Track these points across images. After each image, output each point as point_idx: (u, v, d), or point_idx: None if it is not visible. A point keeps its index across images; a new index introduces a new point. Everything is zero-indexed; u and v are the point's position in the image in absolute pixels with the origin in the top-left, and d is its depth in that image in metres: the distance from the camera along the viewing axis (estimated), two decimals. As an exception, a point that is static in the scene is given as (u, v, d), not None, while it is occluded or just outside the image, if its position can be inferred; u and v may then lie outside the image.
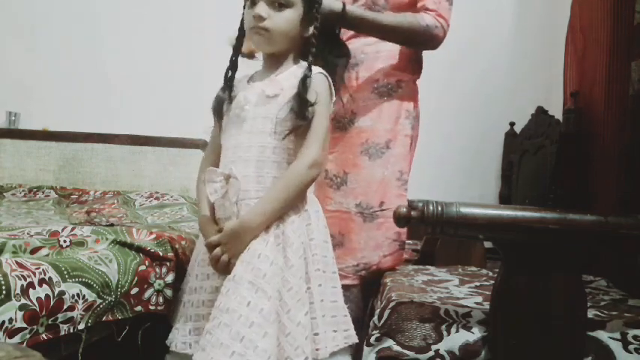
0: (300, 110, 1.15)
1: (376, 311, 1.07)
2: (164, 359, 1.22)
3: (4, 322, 0.87)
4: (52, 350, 1.00)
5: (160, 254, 1.29)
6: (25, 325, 0.91)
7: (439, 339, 0.91)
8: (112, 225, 1.50)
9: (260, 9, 1.18)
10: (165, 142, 2.44)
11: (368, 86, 1.56)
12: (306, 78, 1.17)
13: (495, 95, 2.63)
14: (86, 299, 1.06)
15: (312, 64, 1.20)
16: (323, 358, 1.13)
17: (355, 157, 1.54)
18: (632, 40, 1.40)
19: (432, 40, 1.48)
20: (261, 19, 1.18)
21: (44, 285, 0.96)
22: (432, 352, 0.90)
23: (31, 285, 0.93)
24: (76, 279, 1.05)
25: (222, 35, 1.41)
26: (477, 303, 1.03)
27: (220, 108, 1.26)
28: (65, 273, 1.03)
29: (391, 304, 1.01)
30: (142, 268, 1.24)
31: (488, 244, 1.39)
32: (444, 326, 0.92)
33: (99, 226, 1.37)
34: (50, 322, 0.97)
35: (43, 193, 2.35)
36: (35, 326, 0.93)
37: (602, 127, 1.58)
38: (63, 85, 2.84)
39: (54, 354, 1.02)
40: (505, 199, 2.49)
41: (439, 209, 0.84)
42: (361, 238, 1.52)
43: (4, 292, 0.88)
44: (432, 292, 1.16)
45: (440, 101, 2.39)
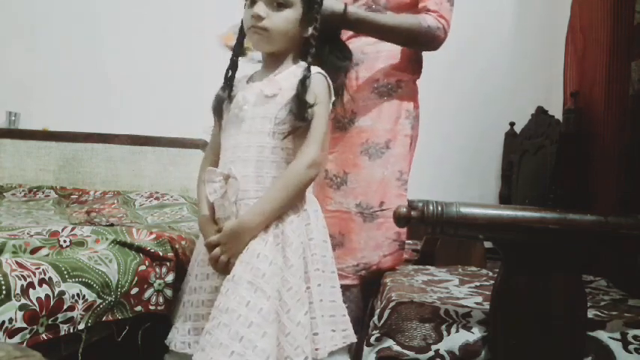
0: (299, 112, 1.15)
1: (376, 311, 1.07)
2: (163, 359, 1.22)
3: (4, 322, 0.87)
4: (52, 350, 1.00)
5: (160, 254, 1.29)
6: (25, 325, 0.91)
7: (439, 339, 0.91)
8: (112, 225, 1.50)
9: (259, 9, 1.18)
10: (165, 142, 2.44)
11: (368, 86, 1.56)
12: (305, 79, 1.17)
13: (495, 95, 2.64)
14: (86, 299, 1.06)
15: (312, 64, 1.20)
16: (322, 357, 1.13)
17: (355, 157, 1.54)
18: (632, 40, 1.40)
19: (434, 41, 1.48)
20: (260, 18, 1.18)
21: (44, 285, 0.96)
22: (432, 352, 0.90)
23: (31, 285, 0.93)
24: (76, 279, 1.05)
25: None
26: (477, 303, 1.03)
27: (220, 107, 1.26)
28: (65, 273, 1.03)
29: (391, 304, 1.01)
30: (142, 268, 1.24)
31: (488, 244, 1.39)
32: (444, 326, 0.92)
33: (99, 226, 1.37)
34: (50, 322, 0.97)
35: (43, 193, 2.35)
36: (35, 326, 0.93)
37: (602, 127, 1.58)
38: (63, 85, 2.84)
39: (54, 354, 1.02)
40: (505, 199, 2.49)
41: (439, 209, 0.84)
42: (361, 238, 1.52)
43: (4, 292, 0.88)
44: (432, 292, 1.16)
45: (440, 101, 2.39)
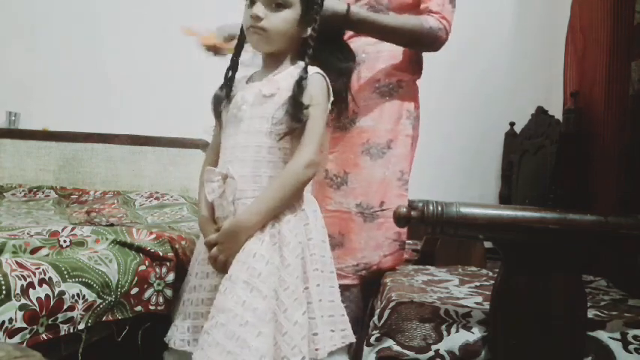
0: (294, 112, 1.15)
1: (376, 311, 1.07)
2: (162, 356, 1.22)
3: (4, 322, 0.87)
4: (52, 350, 1.00)
5: (160, 254, 1.29)
6: (25, 325, 0.91)
7: (439, 339, 0.91)
8: (112, 225, 1.50)
9: (257, 9, 1.18)
10: (165, 142, 2.44)
11: (369, 86, 1.56)
12: (302, 80, 1.17)
13: (495, 95, 2.63)
14: (86, 299, 1.06)
15: (310, 64, 1.20)
16: (322, 358, 1.13)
17: (356, 156, 1.54)
18: (632, 40, 1.40)
19: (435, 42, 1.48)
20: (259, 19, 1.17)
21: (44, 285, 0.96)
22: (432, 352, 0.90)
23: (31, 285, 0.93)
24: (76, 279, 1.05)
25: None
26: (477, 303, 1.03)
27: (218, 107, 1.26)
28: (65, 273, 1.03)
29: (391, 304, 1.01)
30: (142, 268, 1.24)
31: (488, 244, 1.39)
32: (444, 326, 0.92)
33: (99, 226, 1.37)
34: (50, 322, 0.97)
35: (43, 193, 2.35)
36: (35, 326, 0.93)
37: (602, 127, 1.58)
38: (63, 85, 2.84)
39: (54, 354, 1.02)
40: (505, 199, 2.49)
41: (439, 209, 0.84)
42: (361, 238, 1.52)
43: (4, 292, 0.88)
44: (432, 292, 1.16)
45: (440, 101, 2.39)
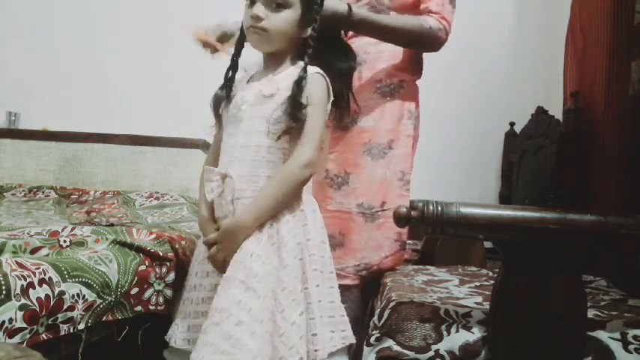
0: (293, 112, 1.15)
1: (376, 311, 1.07)
2: (163, 355, 1.22)
3: (4, 322, 0.87)
4: (52, 350, 1.00)
5: (160, 254, 1.29)
6: (25, 325, 0.91)
7: (439, 339, 0.91)
8: (112, 225, 1.50)
9: (258, 9, 1.18)
10: (165, 142, 2.44)
11: (370, 86, 1.56)
12: (301, 80, 1.17)
13: (495, 95, 2.64)
14: (86, 299, 1.06)
15: (310, 64, 1.20)
16: (322, 359, 1.12)
17: (357, 156, 1.54)
18: (632, 40, 1.39)
19: (435, 43, 1.48)
20: (259, 19, 1.18)
21: (44, 285, 0.96)
22: (432, 352, 0.90)
23: (31, 285, 0.93)
24: (76, 279, 1.05)
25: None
26: (477, 303, 1.03)
27: (218, 107, 1.26)
28: (65, 273, 1.03)
29: (391, 304, 1.01)
30: (142, 268, 1.24)
31: (488, 244, 1.39)
32: (444, 326, 0.92)
33: (99, 226, 1.37)
34: (50, 322, 0.97)
35: (43, 193, 2.35)
36: (35, 326, 0.93)
37: (602, 127, 1.58)
38: (63, 85, 2.84)
39: (54, 354, 1.02)
40: (505, 199, 2.49)
41: (439, 209, 0.84)
42: (362, 238, 1.52)
43: (4, 292, 0.88)
44: (432, 292, 1.16)
45: (440, 101, 2.39)
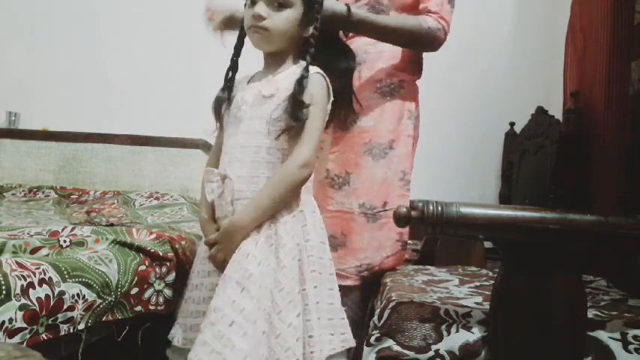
0: (293, 111, 1.15)
1: (376, 311, 1.06)
2: (165, 354, 1.22)
3: (4, 322, 0.87)
4: (52, 350, 1.00)
5: (160, 254, 1.29)
6: (25, 325, 0.91)
7: (439, 339, 0.91)
8: (112, 225, 1.50)
9: (259, 8, 1.18)
10: (165, 142, 2.44)
11: (370, 86, 1.56)
12: (303, 79, 1.17)
13: (495, 95, 2.63)
14: (86, 299, 1.06)
15: (311, 64, 1.20)
16: None
17: (358, 157, 1.54)
18: (632, 40, 1.39)
19: (434, 43, 1.48)
20: (261, 18, 1.18)
21: (44, 285, 0.96)
22: (432, 352, 0.90)
23: (31, 285, 0.93)
24: (76, 279, 1.05)
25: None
26: (477, 303, 1.03)
27: (219, 108, 1.26)
28: (65, 273, 1.03)
29: (391, 304, 1.01)
30: (142, 268, 1.25)
31: (488, 244, 1.39)
32: (444, 326, 0.92)
33: (99, 226, 1.37)
34: (50, 322, 0.97)
35: (43, 193, 2.35)
36: (35, 326, 0.93)
37: (602, 127, 1.58)
38: (63, 85, 2.84)
39: (54, 354, 1.02)
40: (505, 199, 2.49)
41: (439, 209, 0.84)
42: (364, 238, 1.52)
43: (4, 292, 0.88)
44: (432, 292, 1.16)
45: (440, 101, 2.39)
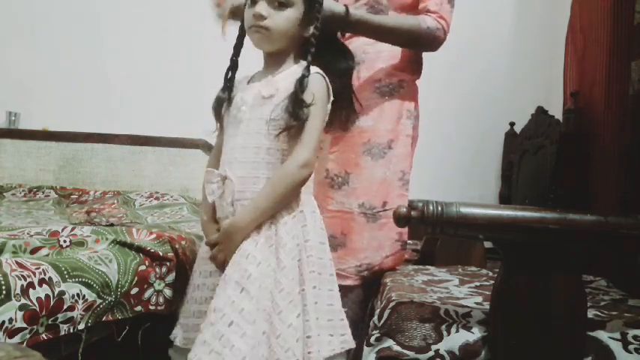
0: (294, 110, 1.15)
1: (376, 311, 1.06)
2: (167, 354, 1.23)
3: (4, 322, 0.87)
4: (52, 350, 1.00)
5: (160, 254, 1.29)
6: (25, 325, 0.91)
7: (439, 339, 0.91)
8: (112, 225, 1.50)
9: (260, 8, 1.18)
10: (165, 142, 2.44)
11: (369, 86, 1.56)
12: (304, 78, 1.17)
13: (495, 95, 2.63)
14: (86, 299, 1.06)
15: (311, 64, 1.20)
16: None
17: (357, 156, 1.54)
18: (632, 40, 1.39)
19: (433, 42, 1.48)
20: (262, 17, 1.18)
21: (44, 285, 0.96)
22: (432, 352, 0.90)
23: (31, 285, 0.93)
24: (76, 279, 1.05)
25: (222, 35, 1.41)
26: (477, 303, 1.03)
27: (219, 109, 1.26)
28: (65, 273, 1.03)
29: (391, 304, 1.01)
30: (142, 268, 1.25)
31: (488, 244, 1.39)
32: (444, 326, 0.92)
33: (99, 226, 1.37)
34: (50, 322, 0.97)
35: (43, 193, 2.35)
36: (35, 326, 0.93)
37: (602, 127, 1.58)
38: (63, 85, 2.84)
39: (54, 354, 1.02)
40: (505, 199, 2.49)
41: (439, 209, 0.84)
42: (364, 238, 1.52)
43: (4, 292, 0.88)
44: (432, 292, 1.16)
45: (440, 101, 2.39)
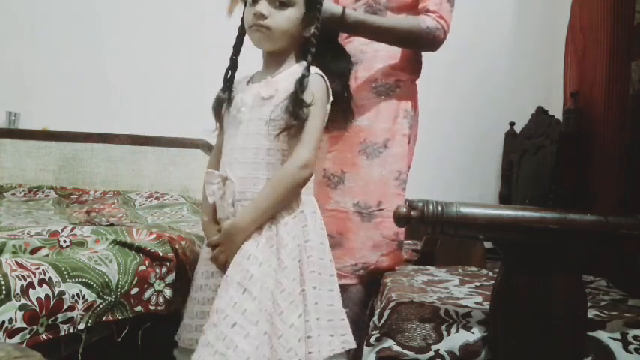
0: (294, 110, 1.15)
1: (376, 311, 1.07)
2: (172, 354, 1.23)
3: (4, 322, 0.87)
4: (52, 350, 1.00)
5: (160, 254, 1.29)
6: (25, 325, 0.91)
7: (439, 339, 0.91)
8: (112, 225, 1.50)
9: (261, 7, 1.18)
10: (166, 142, 2.44)
11: (367, 85, 1.56)
12: (304, 78, 1.17)
13: (495, 95, 2.64)
14: (86, 299, 1.06)
15: (311, 64, 1.20)
16: None
17: (354, 156, 1.54)
18: (632, 40, 1.40)
19: (433, 42, 1.48)
20: (263, 17, 1.17)
21: (44, 285, 0.96)
22: (432, 352, 0.90)
23: (31, 285, 0.93)
24: (76, 279, 1.05)
25: (222, 35, 1.41)
26: (477, 303, 1.03)
27: (219, 109, 1.26)
28: (65, 273, 1.03)
29: (391, 304, 1.01)
30: (142, 268, 1.24)
31: (488, 244, 1.39)
32: (444, 326, 0.92)
33: (99, 226, 1.37)
34: (50, 322, 0.97)
35: (43, 193, 2.35)
36: (35, 326, 0.93)
37: (602, 127, 1.58)
38: (63, 85, 2.84)
39: (54, 354, 1.02)
40: (505, 199, 2.49)
41: (439, 209, 0.84)
42: (359, 237, 1.52)
43: (4, 292, 0.88)
44: (432, 292, 1.16)
45: (440, 101, 2.39)
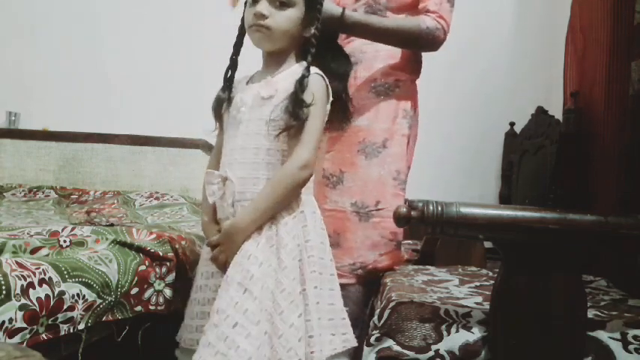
0: (294, 110, 1.15)
1: (376, 311, 1.07)
2: (172, 354, 1.23)
3: (4, 322, 0.87)
4: (52, 350, 1.00)
5: (160, 254, 1.29)
6: (25, 325, 0.91)
7: (439, 339, 0.91)
8: (112, 225, 1.50)
9: (261, 7, 1.18)
10: (165, 142, 2.44)
11: (366, 85, 1.56)
12: (304, 78, 1.17)
13: (495, 95, 2.63)
14: (86, 299, 1.06)
15: (311, 64, 1.20)
16: None
17: (352, 156, 1.54)
18: (632, 40, 1.40)
19: (433, 43, 1.48)
20: (263, 16, 1.17)
21: (44, 285, 0.96)
22: (432, 352, 0.90)
23: (31, 285, 0.93)
24: (76, 279, 1.05)
25: (222, 35, 1.42)
26: (477, 303, 1.03)
27: (219, 109, 1.26)
28: (65, 273, 1.03)
29: (391, 304, 1.01)
30: (142, 268, 1.24)
31: (488, 244, 1.39)
32: (444, 326, 0.92)
33: (99, 226, 1.37)
34: (50, 322, 0.97)
35: (43, 193, 2.35)
36: (35, 326, 0.93)
37: (602, 127, 1.58)
38: (63, 85, 2.84)
39: (54, 354, 1.02)
40: (505, 199, 2.49)
41: (439, 209, 0.84)
42: (357, 237, 1.52)
43: (4, 292, 0.88)
44: (432, 292, 1.16)
45: (440, 101, 2.39)
